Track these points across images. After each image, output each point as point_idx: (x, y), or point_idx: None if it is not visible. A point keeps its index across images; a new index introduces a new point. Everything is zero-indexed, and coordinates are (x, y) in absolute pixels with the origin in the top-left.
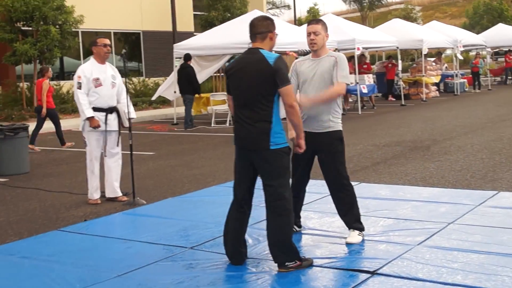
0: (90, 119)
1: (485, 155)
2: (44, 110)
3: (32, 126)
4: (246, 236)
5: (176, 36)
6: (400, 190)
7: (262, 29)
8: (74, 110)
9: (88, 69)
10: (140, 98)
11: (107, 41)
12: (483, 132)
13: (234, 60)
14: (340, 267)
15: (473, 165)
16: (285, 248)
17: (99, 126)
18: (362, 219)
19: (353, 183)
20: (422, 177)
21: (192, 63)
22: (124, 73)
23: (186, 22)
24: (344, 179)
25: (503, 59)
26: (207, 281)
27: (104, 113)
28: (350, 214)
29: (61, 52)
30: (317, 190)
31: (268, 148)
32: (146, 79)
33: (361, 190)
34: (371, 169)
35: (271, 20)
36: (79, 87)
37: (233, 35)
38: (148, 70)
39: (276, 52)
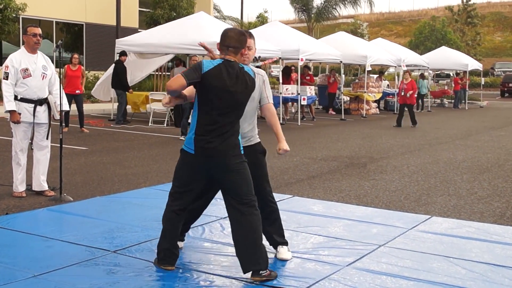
0: (11, 112)
1: (421, 177)
2: None
3: None
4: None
5: (120, 31)
6: (334, 207)
7: (237, 44)
8: None
9: (17, 58)
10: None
11: (38, 30)
12: (420, 153)
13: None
14: (267, 284)
15: (408, 187)
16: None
17: (18, 121)
18: (293, 234)
19: (286, 196)
20: (356, 195)
21: (133, 60)
22: (59, 64)
23: (130, 17)
24: (271, 192)
25: (444, 81)
26: None
27: (32, 105)
28: (277, 228)
29: None
30: None
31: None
32: (86, 72)
33: (294, 204)
34: (306, 182)
35: (245, 36)
36: (6, 78)
37: (177, 34)
38: (89, 63)
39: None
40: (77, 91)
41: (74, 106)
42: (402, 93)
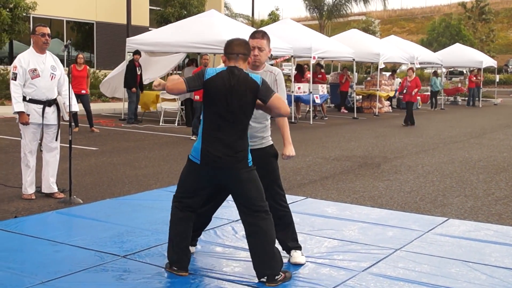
0: (20, 114)
1: (436, 177)
2: None
3: None
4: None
5: (130, 30)
6: (348, 209)
7: (245, 51)
8: None
9: (26, 59)
10: (90, 90)
11: (46, 30)
12: (434, 152)
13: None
14: None
15: (423, 188)
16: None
17: (27, 123)
18: (307, 238)
19: (299, 198)
20: (370, 196)
21: (147, 59)
22: (68, 64)
23: (141, 16)
24: (283, 196)
25: (457, 79)
26: None
27: (41, 106)
28: (290, 232)
29: (9, 37)
30: None
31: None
32: (97, 71)
33: (308, 205)
34: (319, 183)
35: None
36: (14, 78)
37: (188, 33)
38: (100, 62)
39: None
40: (82, 91)
41: (81, 106)
42: (405, 91)
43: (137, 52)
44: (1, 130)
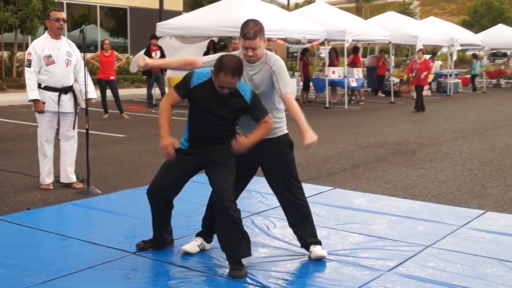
0: (35, 102)
1: (474, 165)
2: None
3: (7, 96)
4: None
5: (163, 14)
6: (377, 200)
7: None
8: None
9: (40, 45)
10: (123, 75)
11: (61, 15)
12: (473, 139)
13: None
14: None
15: (460, 176)
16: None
17: (42, 111)
18: (331, 232)
19: (327, 188)
20: (403, 186)
21: (175, 43)
22: (83, 49)
23: (174, 0)
24: (299, 189)
25: (500, 60)
26: None
27: (57, 93)
28: (309, 228)
29: (42, 23)
30: None
31: None
32: (131, 56)
33: (335, 197)
34: (349, 172)
35: None
36: (29, 65)
37: (219, 17)
38: (134, 47)
39: None
40: (111, 77)
41: (110, 92)
42: (414, 74)
43: (153, 37)
44: (32, 118)
